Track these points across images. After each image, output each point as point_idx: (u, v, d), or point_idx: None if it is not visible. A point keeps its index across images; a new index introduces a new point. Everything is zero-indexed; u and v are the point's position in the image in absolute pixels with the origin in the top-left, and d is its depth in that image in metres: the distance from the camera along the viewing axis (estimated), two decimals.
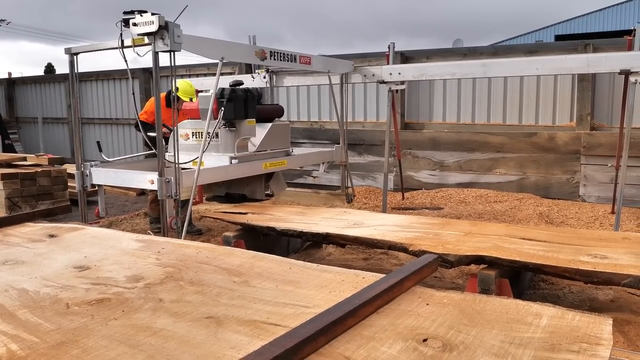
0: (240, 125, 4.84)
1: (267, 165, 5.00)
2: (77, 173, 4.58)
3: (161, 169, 3.96)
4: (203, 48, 4.14)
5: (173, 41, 3.72)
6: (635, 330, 3.01)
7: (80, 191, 4.65)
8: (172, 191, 3.95)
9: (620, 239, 3.40)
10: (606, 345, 1.10)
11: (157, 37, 3.73)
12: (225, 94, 4.67)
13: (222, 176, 4.66)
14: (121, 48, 3.96)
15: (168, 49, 3.72)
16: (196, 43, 4.04)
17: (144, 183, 4.25)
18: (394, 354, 1.11)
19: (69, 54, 4.46)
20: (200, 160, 4.17)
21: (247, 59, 4.53)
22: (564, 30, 20.89)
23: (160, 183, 3.95)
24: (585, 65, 4.97)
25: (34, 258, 2.01)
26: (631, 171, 6.09)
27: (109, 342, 1.26)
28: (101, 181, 4.62)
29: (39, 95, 13.60)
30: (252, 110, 4.98)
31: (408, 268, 1.54)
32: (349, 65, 5.98)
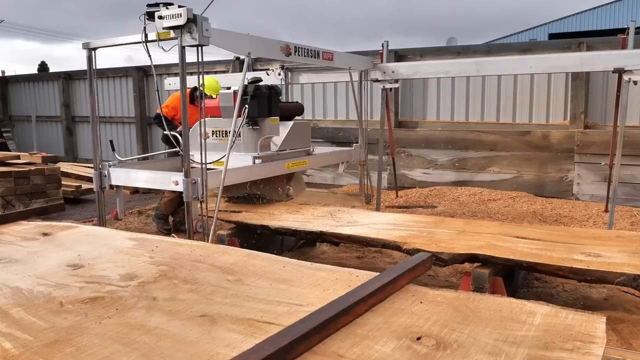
0: (263, 123, 4.66)
1: (289, 165, 4.81)
2: (95, 173, 4.37)
3: (187, 170, 3.74)
4: (230, 42, 3.92)
5: (201, 35, 3.50)
6: (628, 328, 3.03)
7: (98, 192, 4.43)
8: (199, 193, 3.73)
9: (613, 237, 3.42)
10: (600, 343, 1.11)
11: (185, 31, 3.52)
12: (248, 91, 4.48)
13: (246, 177, 4.45)
14: (145, 42, 3.75)
15: (196, 43, 3.52)
16: (223, 37, 3.81)
17: (167, 184, 4.03)
18: (388, 352, 1.11)
19: (87, 49, 4.24)
20: (227, 160, 3.94)
21: (272, 54, 4.34)
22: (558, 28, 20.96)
23: (186, 184, 3.73)
24: (579, 64, 4.99)
25: (27, 256, 2.00)
26: (625, 169, 6.13)
27: (103, 341, 1.25)
28: (120, 182, 4.41)
29: (33, 94, 13.51)
30: (275, 108, 4.80)
31: (402, 266, 1.54)
32: (368, 61, 5.76)
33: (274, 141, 4.85)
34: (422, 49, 7.96)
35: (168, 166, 4.80)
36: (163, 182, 4.14)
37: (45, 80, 13.38)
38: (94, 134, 4.57)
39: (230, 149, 3.99)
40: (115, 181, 4.37)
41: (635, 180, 6.43)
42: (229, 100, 4.53)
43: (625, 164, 5.94)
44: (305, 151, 5.19)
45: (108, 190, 4.58)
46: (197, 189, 3.75)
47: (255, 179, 4.58)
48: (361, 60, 5.69)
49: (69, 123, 12.64)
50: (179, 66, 3.68)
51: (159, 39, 3.67)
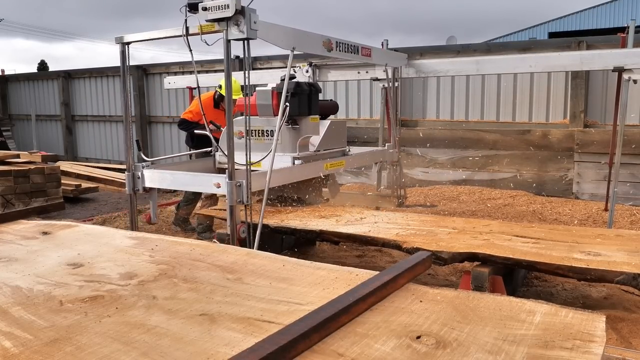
0: (303, 122, 4.46)
1: (327, 166, 4.59)
2: (127, 175, 4.12)
3: (231, 171, 3.49)
4: (276, 36, 3.68)
5: (249, 28, 3.27)
6: (628, 327, 3.03)
7: (131, 195, 4.16)
8: (244, 196, 3.50)
9: (613, 236, 3.42)
10: (599, 342, 1.11)
11: (232, 24, 3.29)
12: (289, 88, 4.26)
13: (287, 178, 4.23)
14: (185, 36, 3.51)
15: (244, 36, 3.28)
16: (270, 31, 3.59)
17: (207, 186, 3.82)
18: (388, 351, 1.11)
19: (121, 43, 4.00)
20: (272, 161, 3.68)
21: (315, 49, 4.13)
22: (558, 27, 20.94)
23: (230, 187, 3.48)
24: (578, 63, 4.99)
25: (27, 255, 2.00)
26: (624, 168, 6.13)
27: (103, 339, 1.25)
28: (155, 184, 4.15)
29: (32, 92, 13.50)
30: (315, 106, 4.62)
31: (401, 265, 1.54)
32: (403, 58, 5.61)
33: (311, 141, 4.68)
34: (422, 47, 7.96)
35: (198, 167, 4.61)
36: (203, 185, 3.92)
37: (45, 79, 13.38)
38: (127, 134, 4.27)
39: (275, 149, 3.72)
40: (150, 183, 4.11)
41: (635, 179, 6.43)
42: (266, 98, 4.35)
43: (625, 162, 5.94)
44: (341, 151, 5.00)
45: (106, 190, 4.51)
46: (242, 192, 3.51)
47: (295, 180, 4.39)
48: (397, 56, 5.53)
49: (68, 122, 12.63)
50: (224, 62, 3.44)
51: (201, 32, 3.43)
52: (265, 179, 3.62)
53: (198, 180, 3.93)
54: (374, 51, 4.89)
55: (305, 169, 4.36)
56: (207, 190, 3.99)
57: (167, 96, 10.81)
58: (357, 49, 4.59)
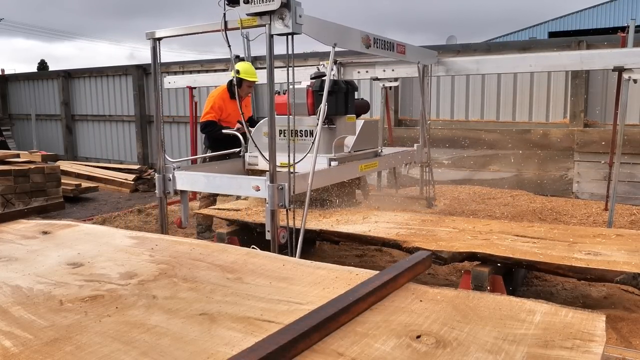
0: (339, 121, 4.31)
1: (362, 167, 4.42)
2: (158, 177, 3.92)
3: (273, 174, 3.30)
4: (318, 32, 3.49)
5: (295, 22, 3.08)
6: (628, 327, 3.03)
7: (161, 198, 3.96)
8: (285, 200, 3.31)
9: (613, 235, 3.42)
10: (599, 341, 1.11)
11: (276, 17, 3.09)
12: None
13: (325, 180, 4.03)
14: (224, 30, 3.31)
15: (289, 30, 3.10)
16: (313, 25, 3.38)
17: (245, 189, 3.64)
18: (388, 351, 1.11)
19: (152, 38, 3.81)
20: (314, 162, 3.50)
21: (354, 45, 3.95)
22: (558, 27, 20.94)
23: (271, 190, 3.29)
24: (578, 62, 4.99)
25: (27, 255, 2.00)
26: (624, 168, 6.13)
27: (103, 339, 1.25)
28: (187, 187, 3.99)
29: (32, 92, 13.50)
30: (352, 105, 4.48)
31: (401, 265, 1.54)
32: (433, 56, 5.45)
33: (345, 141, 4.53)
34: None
35: (227, 168, 4.45)
36: (240, 188, 3.72)
37: (45, 79, 13.38)
38: (158, 135, 4.06)
39: (317, 151, 3.54)
40: (181, 186, 3.93)
41: (635, 178, 6.43)
42: (300, 97, 4.18)
43: (625, 162, 5.94)
44: (374, 152, 4.82)
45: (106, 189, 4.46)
46: (284, 195, 3.31)
47: (333, 182, 4.22)
48: (428, 54, 5.37)
49: (68, 121, 12.63)
50: (267, 58, 3.23)
51: (241, 27, 3.25)
52: (305, 181, 3.45)
53: (235, 182, 3.74)
54: (408, 48, 4.74)
55: (342, 171, 4.21)
56: (245, 193, 3.80)
57: (167, 96, 10.81)
58: (392, 45, 4.41)
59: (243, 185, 3.66)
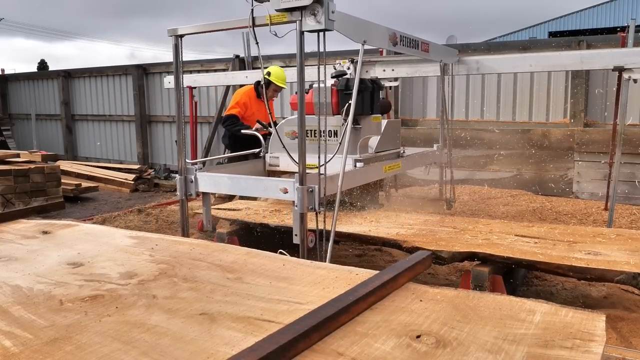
0: (364, 121, 4.19)
1: (386, 168, 4.30)
2: (179, 179, 3.76)
3: (303, 175, 3.17)
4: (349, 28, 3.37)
5: (327, 18, 2.96)
6: (628, 326, 3.03)
7: (183, 200, 3.81)
8: (315, 203, 3.20)
9: (613, 235, 3.42)
10: (599, 341, 1.11)
11: (307, 13, 2.97)
12: (352, 85, 3.96)
13: (351, 182, 3.90)
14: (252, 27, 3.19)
15: (321, 27, 2.97)
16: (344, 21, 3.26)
17: (272, 192, 3.50)
18: (388, 350, 1.11)
19: (174, 35, 3.69)
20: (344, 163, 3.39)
21: (382, 43, 3.82)
22: (558, 27, 20.95)
23: (301, 193, 3.18)
24: (578, 62, 4.98)
25: (27, 255, 2.00)
26: (624, 168, 6.13)
27: (103, 339, 1.25)
28: (210, 189, 3.83)
29: (32, 92, 13.50)
30: (377, 105, 4.37)
31: (401, 265, 1.54)
32: (454, 54, 5.33)
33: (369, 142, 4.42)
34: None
35: (247, 169, 4.32)
36: (266, 190, 3.56)
37: (45, 79, 13.38)
38: (179, 135, 3.89)
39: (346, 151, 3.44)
40: (204, 188, 3.78)
41: (635, 178, 6.43)
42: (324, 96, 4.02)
43: (625, 162, 5.94)
44: (396, 153, 4.69)
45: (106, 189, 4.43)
46: (314, 198, 3.20)
47: (359, 184, 4.08)
48: (450, 52, 5.26)
49: (68, 121, 12.64)
50: (297, 56, 3.11)
51: (270, 23, 3.11)
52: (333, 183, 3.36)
53: (261, 185, 3.61)
54: (431, 46, 4.63)
55: (368, 172, 4.08)
56: (271, 195, 3.65)
57: (167, 96, 10.81)
58: (417, 43, 4.28)
59: (270, 188, 3.52)
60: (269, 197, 4.20)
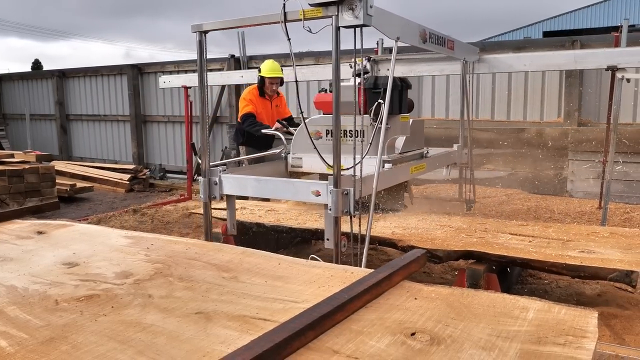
0: (392, 121, 4.05)
1: (412, 169, 4.19)
2: (203, 181, 3.62)
3: (337, 177, 3.05)
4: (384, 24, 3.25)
5: (366, 13, 2.84)
6: (621, 324, 3.06)
7: (207, 204, 3.67)
8: (350, 206, 3.07)
9: (607, 233, 3.45)
10: (592, 338, 1.12)
11: (344, 8, 2.85)
12: (381, 84, 3.86)
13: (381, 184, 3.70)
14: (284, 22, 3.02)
15: (359, 22, 2.85)
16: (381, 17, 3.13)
17: (303, 194, 3.36)
18: (382, 348, 1.12)
19: (198, 31, 3.51)
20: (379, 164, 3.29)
21: (413, 40, 3.71)
22: (552, 26, 21.04)
23: (335, 196, 3.04)
24: (572, 62, 5.02)
25: (22, 255, 2.00)
26: (618, 167, 6.17)
27: (99, 338, 1.25)
28: (235, 191, 3.67)
29: (26, 92, 13.44)
30: (405, 104, 4.27)
31: (396, 263, 1.55)
32: (475, 52, 5.19)
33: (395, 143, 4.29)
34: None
35: (268, 170, 4.19)
36: (297, 193, 3.42)
37: (39, 78, 13.32)
38: (203, 135, 3.74)
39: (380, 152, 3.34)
40: (229, 190, 3.62)
41: (628, 177, 6.47)
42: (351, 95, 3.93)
43: (618, 161, 5.98)
44: (420, 153, 4.58)
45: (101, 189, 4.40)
46: (349, 201, 3.07)
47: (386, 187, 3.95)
48: (472, 50, 5.15)
49: (63, 121, 12.59)
50: (332, 53, 2.96)
51: (304, 18, 2.95)
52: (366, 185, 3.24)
53: (291, 187, 3.46)
54: (456, 44, 4.52)
55: (396, 173, 3.94)
56: (302, 198, 3.51)
57: (162, 95, 10.79)
58: (444, 41, 4.19)
59: (300, 190, 3.36)
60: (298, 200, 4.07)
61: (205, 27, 3.49)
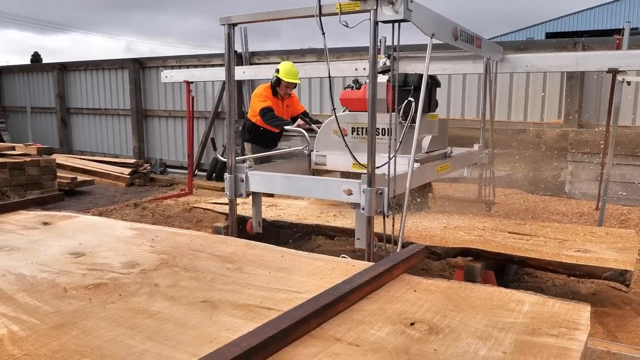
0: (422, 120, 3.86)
1: (438, 169, 4.12)
2: (229, 177, 3.53)
3: (371, 175, 2.98)
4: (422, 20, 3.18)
5: (406, 8, 2.77)
6: (614, 322, 3.11)
7: (232, 201, 3.61)
8: (385, 206, 3.02)
9: (603, 234, 3.50)
10: (584, 330, 1.17)
11: (384, 2, 2.78)
12: (411, 81, 3.81)
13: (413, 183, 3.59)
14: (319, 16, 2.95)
15: (400, 17, 2.77)
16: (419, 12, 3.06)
17: (334, 193, 3.29)
18: (383, 336, 1.16)
19: (227, 24, 3.40)
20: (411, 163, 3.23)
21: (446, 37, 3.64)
22: (555, 27, 21.07)
23: (369, 195, 2.97)
24: (574, 63, 5.05)
25: (29, 244, 2.03)
26: (616, 169, 6.21)
27: (108, 324, 1.29)
28: (263, 188, 3.59)
29: (27, 85, 13.44)
30: (434, 102, 4.22)
31: (397, 257, 1.59)
32: (499, 51, 5.12)
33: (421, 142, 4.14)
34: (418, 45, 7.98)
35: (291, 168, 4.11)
36: (328, 191, 3.35)
37: (40, 71, 13.32)
38: (230, 131, 3.64)
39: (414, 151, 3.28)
40: (256, 187, 3.55)
41: (626, 179, 6.52)
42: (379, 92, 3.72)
43: (617, 163, 6.02)
44: (444, 153, 4.51)
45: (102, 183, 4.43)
46: (383, 201, 3.01)
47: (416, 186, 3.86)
48: (496, 49, 5.10)
49: (63, 115, 12.60)
50: (369, 48, 2.88)
51: (340, 12, 2.87)
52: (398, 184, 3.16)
53: (322, 185, 3.38)
54: (483, 42, 4.47)
55: (423, 173, 3.86)
56: (333, 197, 3.44)
57: (163, 90, 10.81)
58: (472, 39, 4.14)
59: (331, 189, 3.30)
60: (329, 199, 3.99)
61: (234, 19, 3.37)
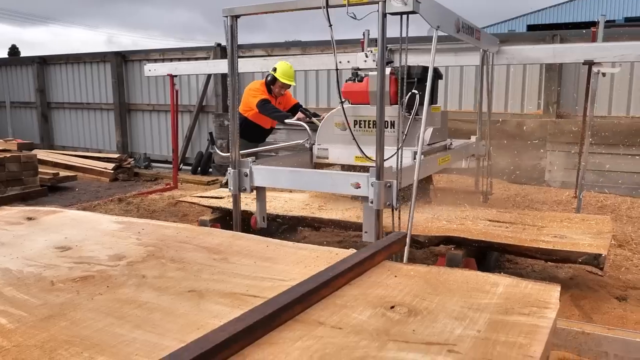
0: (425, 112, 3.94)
1: (440, 161, 4.12)
2: (232, 172, 3.49)
3: (380, 169, 2.97)
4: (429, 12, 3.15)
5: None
6: (590, 304, 3.22)
7: (236, 196, 3.56)
8: (393, 199, 3.00)
9: (579, 220, 3.61)
10: (553, 308, 1.24)
11: None
12: (414, 73, 3.77)
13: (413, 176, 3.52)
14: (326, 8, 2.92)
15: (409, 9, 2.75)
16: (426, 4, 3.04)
17: (342, 187, 3.27)
18: (364, 319, 1.21)
19: (230, 16, 3.35)
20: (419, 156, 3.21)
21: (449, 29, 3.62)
22: (536, 20, 21.32)
23: (378, 188, 2.95)
24: (551, 56, 5.14)
25: (14, 240, 2.04)
26: (593, 157, 6.36)
27: (96, 315, 1.32)
28: (267, 183, 3.56)
29: (5, 79, 13.18)
30: (436, 94, 4.22)
31: (378, 244, 1.65)
32: (496, 43, 5.11)
33: None
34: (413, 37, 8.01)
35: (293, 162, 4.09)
36: (335, 185, 3.32)
37: (19, 65, 13.07)
38: (233, 125, 3.57)
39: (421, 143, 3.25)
40: (261, 182, 3.53)
41: (603, 167, 6.68)
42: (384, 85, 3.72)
43: (593, 152, 6.17)
44: (445, 145, 4.49)
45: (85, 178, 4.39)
46: (392, 194, 2.99)
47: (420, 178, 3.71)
48: (493, 41, 5.09)
49: (44, 109, 12.40)
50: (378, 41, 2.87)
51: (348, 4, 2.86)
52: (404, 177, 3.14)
53: (328, 179, 3.34)
54: (482, 34, 4.46)
55: (426, 165, 3.81)
56: (340, 191, 3.43)
57: (147, 84, 10.70)
58: (472, 31, 4.14)
59: (338, 182, 3.28)
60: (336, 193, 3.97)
61: (237, 11, 3.33)
